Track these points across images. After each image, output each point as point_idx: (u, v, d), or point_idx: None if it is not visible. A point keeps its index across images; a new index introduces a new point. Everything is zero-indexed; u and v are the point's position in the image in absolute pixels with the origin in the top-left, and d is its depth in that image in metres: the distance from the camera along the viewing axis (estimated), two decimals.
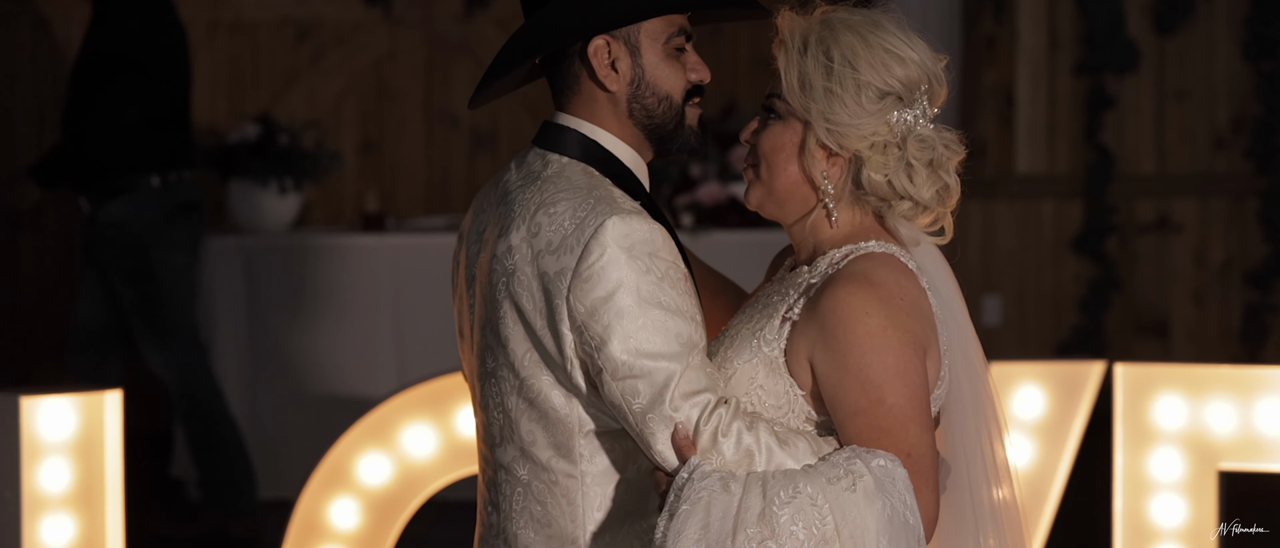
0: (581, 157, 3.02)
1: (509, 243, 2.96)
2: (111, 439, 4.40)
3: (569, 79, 3.06)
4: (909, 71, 2.96)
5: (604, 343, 2.86)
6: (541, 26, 3.01)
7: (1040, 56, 9.05)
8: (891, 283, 2.90)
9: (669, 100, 3.03)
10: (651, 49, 3.02)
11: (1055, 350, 9.09)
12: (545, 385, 2.97)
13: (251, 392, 7.36)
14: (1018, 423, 4.91)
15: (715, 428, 2.84)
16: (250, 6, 8.64)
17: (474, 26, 8.78)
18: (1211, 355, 9.05)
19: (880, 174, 2.96)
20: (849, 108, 2.94)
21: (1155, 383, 4.72)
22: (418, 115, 8.82)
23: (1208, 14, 9.02)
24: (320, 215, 8.66)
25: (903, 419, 2.85)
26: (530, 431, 2.99)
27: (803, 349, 2.90)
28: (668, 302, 2.87)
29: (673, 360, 2.86)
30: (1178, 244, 9.14)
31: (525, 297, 2.94)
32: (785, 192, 3.02)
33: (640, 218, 2.90)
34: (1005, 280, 9.16)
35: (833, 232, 3.01)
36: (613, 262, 2.87)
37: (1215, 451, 4.67)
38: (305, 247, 7.52)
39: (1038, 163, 9.11)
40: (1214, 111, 9.09)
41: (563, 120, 3.06)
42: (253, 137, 7.58)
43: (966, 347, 3.04)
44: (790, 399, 2.92)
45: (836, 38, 2.96)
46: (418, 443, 4.70)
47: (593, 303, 2.87)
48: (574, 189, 2.96)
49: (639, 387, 2.85)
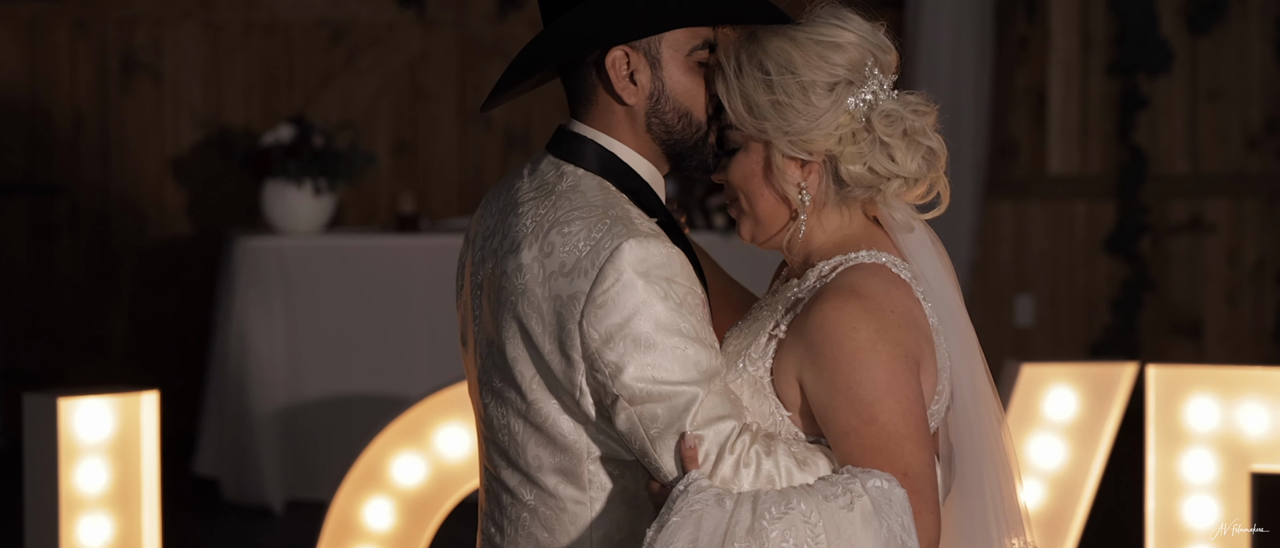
0: (598, 169, 2.88)
1: (519, 261, 2.82)
2: (148, 439, 4.42)
3: (585, 88, 2.92)
4: (849, 54, 2.83)
5: (620, 371, 2.73)
6: (559, 34, 2.86)
7: (1073, 57, 9.04)
8: (881, 294, 2.78)
9: (689, 117, 2.89)
10: (673, 61, 2.87)
11: (1088, 351, 9.08)
12: (553, 411, 2.84)
13: (286, 392, 7.39)
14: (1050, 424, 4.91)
15: (737, 458, 2.72)
16: (285, 8, 8.67)
17: (507, 27, 8.80)
18: (1245, 356, 9.03)
19: (858, 164, 2.84)
20: (802, 112, 2.81)
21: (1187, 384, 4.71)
22: (451, 116, 8.85)
23: (1241, 14, 9.00)
24: (354, 216, 8.69)
25: (896, 437, 2.72)
26: (537, 455, 2.87)
27: (790, 368, 2.79)
28: (686, 329, 2.74)
29: (694, 386, 2.73)
30: (1211, 244, 9.13)
31: (534, 319, 2.81)
32: (768, 215, 2.90)
33: (658, 241, 2.77)
34: (1038, 281, 9.15)
35: (823, 241, 2.90)
36: (629, 287, 2.74)
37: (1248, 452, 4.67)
38: (339, 247, 7.55)
39: (1070, 163, 9.10)
40: (1247, 112, 9.07)
41: (579, 129, 2.92)
42: (287, 138, 7.60)
43: (968, 352, 2.91)
44: (776, 421, 2.80)
45: (765, 48, 2.83)
46: (451, 444, 4.71)
47: (608, 330, 2.74)
48: (589, 207, 2.82)
49: (657, 411, 2.74)
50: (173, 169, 8.60)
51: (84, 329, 8.59)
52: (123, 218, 8.58)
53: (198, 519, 7.26)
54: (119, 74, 8.53)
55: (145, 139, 8.57)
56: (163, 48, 8.58)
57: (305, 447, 7.38)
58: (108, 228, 8.58)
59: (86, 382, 8.49)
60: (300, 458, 7.37)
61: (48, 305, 8.58)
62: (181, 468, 7.75)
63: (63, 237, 8.57)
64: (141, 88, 8.56)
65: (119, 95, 8.53)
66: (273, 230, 7.65)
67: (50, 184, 8.53)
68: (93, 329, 8.60)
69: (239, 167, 8.07)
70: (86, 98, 8.51)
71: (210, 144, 8.58)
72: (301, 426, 7.39)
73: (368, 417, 6.87)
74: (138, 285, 8.61)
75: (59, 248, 8.57)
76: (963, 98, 8.70)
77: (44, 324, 8.58)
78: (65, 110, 8.51)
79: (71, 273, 8.58)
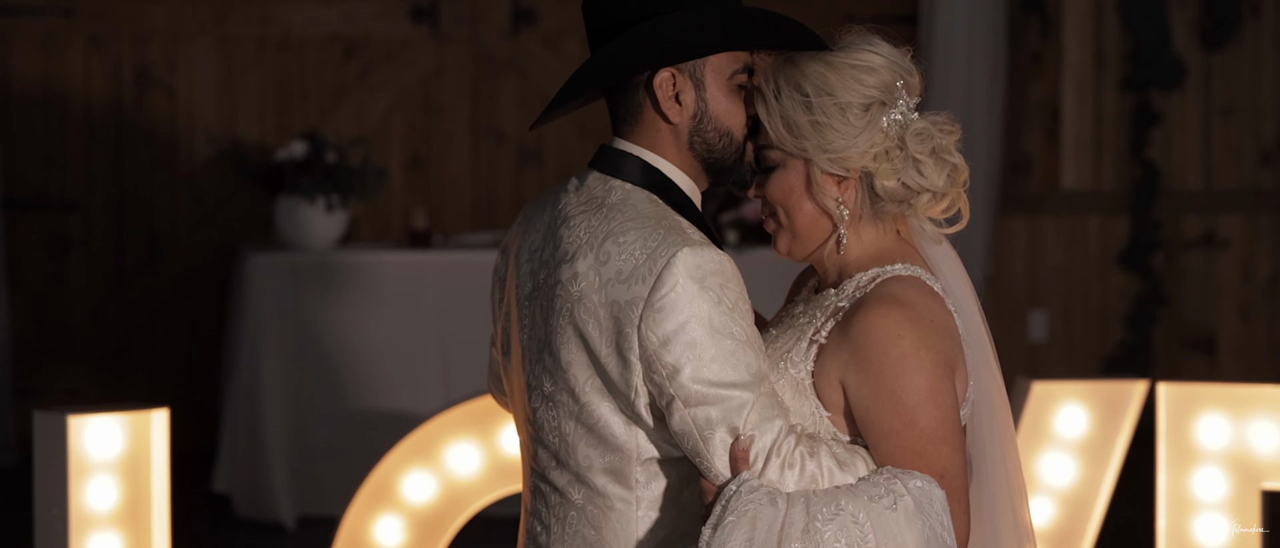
0: (644, 183, 3.06)
1: (575, 269, 2.99)
2: (158, 457, 4.43)
3: (632, 107, 3.09)
4: (881, 76, 3.02)
5: (677, 372, 2.90)
6: (612, 57, 3.03)
7: (1086, 72, 9.04)
8: (920, 304, 2.95)
9: (730, 136, 3.07)
10: (716, 83, 3.06)
11: (1101, 366, 9.06)
12: (606, 412, 2.99)
13: (297, 408, 7.39)
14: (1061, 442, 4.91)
15: (783, 460, 2.88)
16: (299, 23, 8.69)
17: (521, 43, 8.81)
18: (1259, 371, 9.01)
19: (892, 180, 3.02)
20: (841, 132, 3.00)
21: (1198, 402, 4.72)
22: (465, 131, 8.86)
23: (1254, 30, 8.99)
24: (367, 232, 8.70)
25: (935, 441, 2.89)
26: (587, 455, 3.02)
27: (834, 372, 2.95)
28: (738, 332, 2.91)
29: (745, 389, 2.89)
30: (1224, 260, 9.11)
31: (591, 324, 2.97)
32: (807, 229, 3.07)
33: (710, 249, 2.94)
34: (1051, 296, 9.14)
35: (859, 253, 3.07)
36: (685, 293, 2.90)
37: (1258, 470, 4.67)
38: (352, 263, 7.56)
39: (1084, 179, 9.09)
40: (1261, 127, 9.06)
41: (622, 146, 3.09)
42: (300, 154, 7.61)
43: (988, 364, 3.09)
44: (816, 420, 2.96)
45: (804, 72, 3.02)
46: (462, 461, 4.72)
47: (666, 333, 2.90)
48: (642, 218, 2.99)
49: (712, 414, 2.89)
50: (186, 184, 8.62)
51: (98, 344, 8.61)
52: (137, 233, 8.60)
53: (209, 536, 7.27)
54: (133, 89, 8.55)
55: (159, 154, 8.59)
56: (176, 63, 8.60)
57: (317, 463, 7.38)
58: (121, 243, 8.60)
59: (100, 397, 8.50)
60: (312, 474, 7.38)
61: (61, 320, 8.60)
62: (195, 484, 7.75)
63: (76, 251, 8.58)
64: (155, 103, 8.58)
65: (133, 110, 8.55)
66: (285, 246, 7.66)
67: (64, 199, 8.55)
68: (106, 344, 8.62)
69: (252, 182, 8.07)
70: (100, 113, 8.52)
71: (224, 159, 8.60)
72: (313, 442, 7.39)
73: (380, 433, 6.88)
74: (151, 301, 8.62)
75: (73, 263, 8.59)
76: (976, 113, 8.70)
77: (58, 340, 8.60)
78: (79, 125, 8.53)
79: (85, 288, 8.59)
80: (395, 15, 8.76)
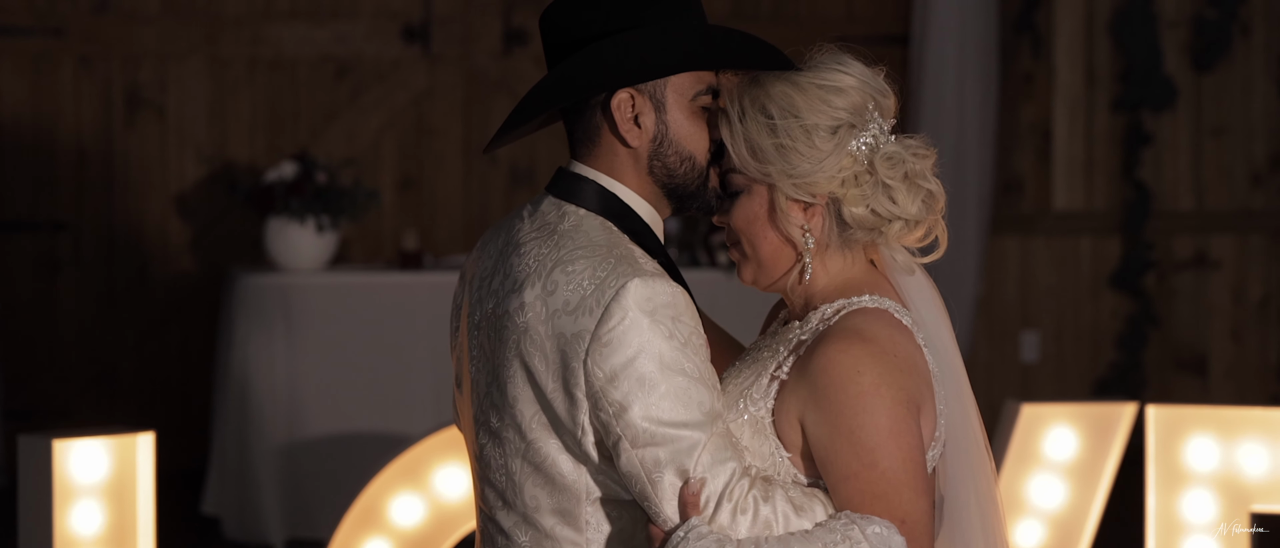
0: (599, 210, 2.89)
1: (522, 299, 2.83)
2: (144, 481, 4.41)
3: (589, 130, 2.93)
4: (851, 98, 2.86)
5: (624, 410, 2.73)
6: (566, 77, 2.87)
7: (1077, 93, 9.04)
8: (885, 338, 2.80)
9: (692, 160, 2.91)
10: (678, 105, 2.89)
11: (1093, 387, 9.06)
12: (553, 450, 2.83)
13: (287, 431, 7.38)
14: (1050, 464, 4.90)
15: (736, 505, 2.72)
16: (290, 44, 8.69)
17: (512, 63, 8.81)
18: (1250, 392, 9.01)
19: (861, 206, 2.87)
20: (806, 155, 2.84)
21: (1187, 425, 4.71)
22: (456, 152, 8.85)
23: (1244, 51, 9.00)
24: (359, 253, 8.69)
25: (896, 484, 2.73)
26: (534, 496, 2.85)
27: (793, 409, 2.80)
28: (691, 369, 2.75)
29: (697, 430, 2.73)
30: (1216, 281, 9.11)
31: (537, 357, 2.81)
32: (771, 258, 2.92)
33: (663, 281, 2.78)
34: (1043, 317, 9.13)
35: (825, 284, 2.92)
36: (634, 326, 2.74)
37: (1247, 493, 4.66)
38: (342, 285, 7.54)
39: (1075, 199, 9.09)
40: (1251, 148, 9.06)
41: (580, 170, 2.93)
42: (290, 175, 7.60)
43: (962, 398, 2.93)
44: (776, 461, 2.81)
45: (769, 92, 2.87)
46: (450, 484, 4.70)
47: (613, 368, 2.74)
48: (593, 247, 2.83)
49: (660, 455, 2.73)
50: (177, 205, 8.61)
51: (88, 366, 8.59)
52: (126, 254, 8.59)
53: None
54: (123, 110, 8.55)
55: (149, 175, 8.58)
56: (167, 83, 8.59)
57: (306, 485, 7.37)
58: (111, 264, 8.58)
59: (90, 419, 8.48)
60: (301, 497, 7.36)
61: (51, 342, 8.58)
62: (184, 506, 7.73)
63: (67, 273, 8.57)
64: (146, 123, 8.57)
65: (123, 131, 8.55)
66: (275, 267, 7.65)
67: (54, 220, 8.54)
68: (97, 366, 8.60)
69: (242, 203, 8.06)
70: (91, 133, 8.52)
71: (214, 180, 8.59)
72: (303, 464, 7.38)
73: (369, 455, 6.87)
74: (141, 322, 8.61)
75: (63, 284, 8.57)
76: (968, 134, 8.70)
77: (48, 361, 8.58)
78: (69, 146, 8.52)
79: (75, 309, 8.58)
80: (387, 36, 8.76)
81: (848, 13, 8.96)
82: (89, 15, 8.51)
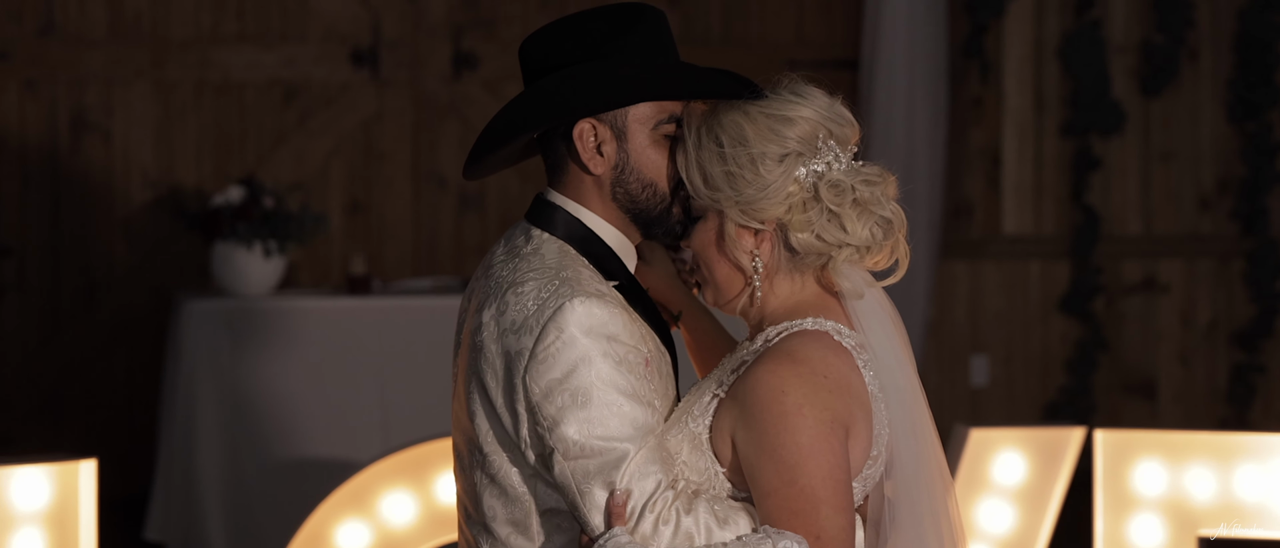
0: (564, 235, 3.02)
1: (480, 319, 2.97)
2: (86, 508, 4.37)
3: (557, 159, 3.06)
4: (801, 128, 2.95)
5: (557, 424, 2.86)
6: (526, 106, 2.99)
7: (1026, 118, 9.06)
8: (817, 359, 2.89)
9: (654, 187, 3.03)
10: (639, 134, 3.01)
11: (1043, 411, 9.07)
12: (505, 463, 2.97)
13: (233, 456, 7.33)
14: (998, 489, 4.90)
15: (658, 516, 2.83)
16: (238, 68, 8.65)
17: (462, 88, 8.79)
18: (1198, 416, 9.04)
19: (807, 232, 2.95)
20: (752, 182, 2.93)
21: (1135, 449, 4.72)
22: (405, 176, 8.82)
23: (1192, 76, 9.04)
24: (307, 277, 8.65)
25: (814, 500, 2.82)
26: (491, 506, 2.99)
27: (727, 426, 2.90)
28: (624, 386, 2.87)
29: (627, 442, 2.85)
30: (1164, 305, 9.14)
31: (490, 374, 2.94)
32: (724, 282, 3.02)
33: (600, 301, 2.90)
34: (993, 341, 9.14)
35: (775, 307, 3.01)
36: (569, 343, 2.86)
37: (1195, 517, 4.66)
38: (290, 310, 7.50)
39: (1024, 224, 9.11)
40: (1199, 172, 9.10)
41: (552, 197, 3.06)
42: (237, 199, 7.56)
43: (915, 418, 3.00)
44: (712, 476, 2.91)
45: (721, 121, 2.96)
46: (397, 511, 4.68)
47: (547, 384, 2.87)
48: (543, 269, 2.96)
49: (589, 467, 2.85)
50: (123, 230, 8.55)
51: (32, 392, 8.52)
52: (72, 279, 8.53)
53: None
54: (69, 133, 8.49)
55: (95, 199, 8.53)
56: (113, 107, 8.54)
57: (252, 512, 7.32)
58: (57, 289, 8.52)
59: (34, 446, 8.42)
60: (247, 523, 7.31)
61: None
62: (127, 533, 7.67)
63: (10, 297, 8.51)
64: (92, 147, 8.52)
65: (69, 155, 8.49)
66: (222, 292, 7.60)
67: None
68: (41, 392, 8.53)
69: (189, 228, 8.01)
70: (36, 157, 8.46)
71: (161, 205, 8.54)
72: (249, 490, 7.33)
73: (316, 482, 6.82)
74: (87, 347, 8.55)
75: (7, 309, 8.51)
76: (917, 159, 8.71)
77: None
78: (14, 169, 8.46)
79: (19, 334, 8.52)
80: (335, 60, 8.73)
81: (797, 37, 8.96)
82: (34, 38, 8.46)
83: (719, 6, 8.92)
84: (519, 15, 8.69)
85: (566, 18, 3.04)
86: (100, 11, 8.51)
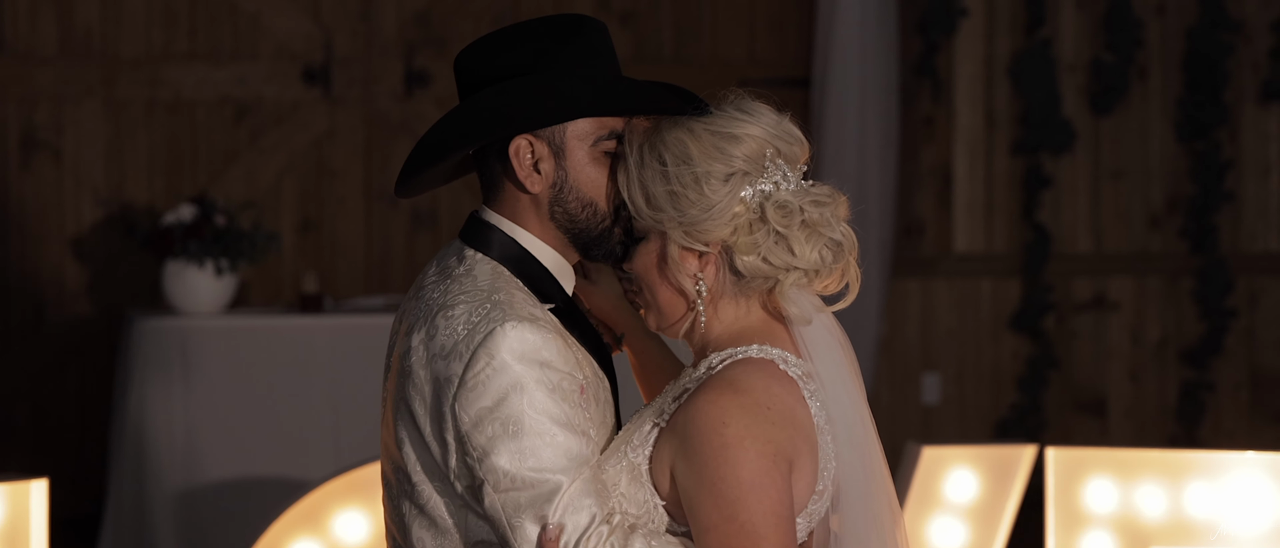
0: (499, 256, 2.88)
1: (409, 343, 2.84)
2: (37, 529, 4.35)
3: (492, 176, 2.92)
4: (747, 146, 2.81)
5: (487, 454, 2.73)
6: (459, 121, 2.86)
7: (977, 136, 9.10)
8: (760, 390, 2.76)
9: (593, 206, 2.88)
10: (578, 151, 2.86)
11: (994, 429, 9.10)
12: (433, 494, 2.83)
13: (185, 476, 7.30)
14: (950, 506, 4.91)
15: None
16: (189, 86, 8.63)
17: (414, 105, 8.78)
18: (1148, 433, 9.07)
19: (752, 255, 2.82)
20: (696, 202, 2.80)
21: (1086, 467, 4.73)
22: (357, 194, 8.81)
23: (1142, 94, 9.09)
24: (258, 296, 8.62)
25: (755, 536, 2.69)
26: (421, 538, 2.86)
27: (666, 458, 2.77)
28: (557, 415, 2.74)
29: (560, 474, 2.72)
30: (1114, 322, 9.18)
31: (418, 401, 2.81)
32: (667, 306, 2.89)
33: (533, 326, 2.77)
34: (944, 359, 9.17)
35: (720, 332, 2.88)
36: (501, 370, 2.73)
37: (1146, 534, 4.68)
38: (240, 328, 7.48)
39: (976, 242, 9.14)
40: (1149, 190, 9.15)
41: (487, 216, 2.92)
42: (188, 217, 7.54)
43: (863, 448, 2.87)
44: (650, 509, 2.79)
45: (664, 139, 2.82)
46: (350, 529, 4.67)
47: (478, 413, 2.74)
48: (475, 291, 2.82)
49: (520, 500, 2.72)
50: (73, 248, 8.52)
51: None
52: (21, 297, 8.49)
53: None
54: (19, 152, 8.46)
55: (45, 218, 8.49)
56: (63, 125, 8.51)
57: (204, 531, 7.29)
58: (6, 308, 8.48)
59: None
60: (199, 542, 7.28)
61: None
62: None
63: None
64: (42, 166, 8.49)
65: (19, 173, 8.46)
66: (173, 311, 7.58)
67: None
68: None
69: (140, 246, 7.98)
70: None
71: (112, 223, 8.51)
72: (200, 509, 7.30)
73: (268, 500, 6.80)
74: (36, 366, 8.51)
75: None
76: (869, 176, 8.74)
77: None
78: None
79: None
80: (287, 78, 8.71)
81: (749, 56, 8.98)
82: None
83: (671, 25, 8.94)
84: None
85: (504, 29, 2.90)
86: (50, 29, 8.48)
